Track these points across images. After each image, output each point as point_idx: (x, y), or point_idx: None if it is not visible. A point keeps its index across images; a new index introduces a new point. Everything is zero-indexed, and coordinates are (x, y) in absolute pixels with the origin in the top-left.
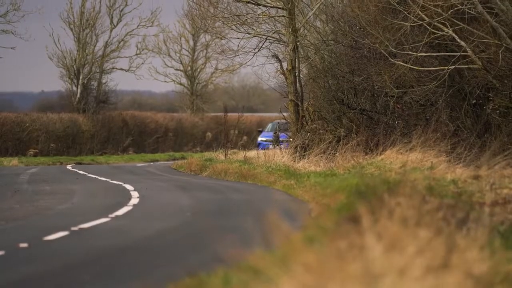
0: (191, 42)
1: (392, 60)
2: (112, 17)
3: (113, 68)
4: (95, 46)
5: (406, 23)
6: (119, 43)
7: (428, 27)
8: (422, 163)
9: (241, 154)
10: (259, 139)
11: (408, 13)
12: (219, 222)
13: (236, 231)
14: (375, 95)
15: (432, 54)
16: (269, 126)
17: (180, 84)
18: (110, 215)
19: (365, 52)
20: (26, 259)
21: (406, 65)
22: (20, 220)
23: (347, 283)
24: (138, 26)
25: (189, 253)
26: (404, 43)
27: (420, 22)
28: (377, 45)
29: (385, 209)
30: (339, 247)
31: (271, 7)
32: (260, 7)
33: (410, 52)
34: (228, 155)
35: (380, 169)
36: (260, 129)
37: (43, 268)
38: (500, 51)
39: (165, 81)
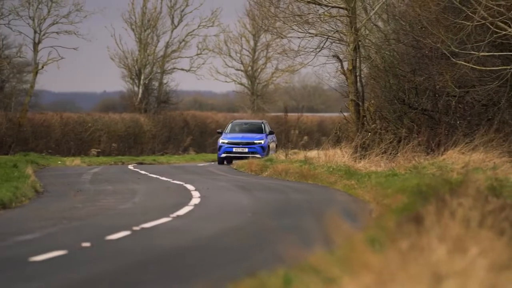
0: (252, 42)
1: (454, 59)
2: (173, 18)
3: (174, 68)
4: (156, 47)
5: (468, 23)
6: (180, 43)
7: (491, 27)
8: (484, 163)
9: (301, 154)
10: (220, 141)
11: (470, 13)
12: (280, 222)
13: (297, 231)
14: (437, 94)
15: (495, 53)
16: (229, 126)
17: (241, 84)
18: (171, 215)
19: (427, 52)
20: (88, 259)
21: (468, 64)
22: (82, 220)
23: (409, 284)
24: (198, 26)
25: (249, 253)
26: (466, 43)
27: (483, 22)
28: (438, 45)
29: (447, 209)
30: (400, 248)
31: (332, 6)
32: (322, 6)
33: (472, 52)
34: (289, 155)
35: (441, 169)
36: (219, 130)
37: (105, 268)
38: None
39: (226, 81)
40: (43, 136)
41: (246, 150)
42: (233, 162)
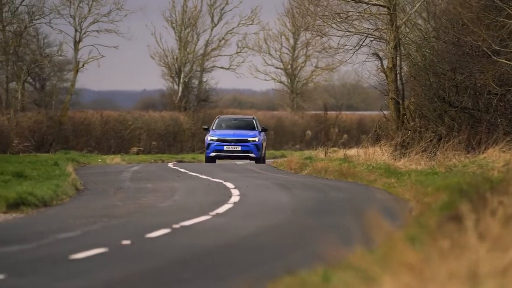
0: (291, 40)
1: (494, 57)
2: (213, 16)
3: (214, 66)
4: (196, 45)
5: (510, 21)
6: (220, 41)
7: None
8: None
9: (341, 152)
10: (208, 138)
11: (510, 11)
12: (319, 220)
13: (336, 230)
14: (477, 93)
15: None
16: (215, 122)
17: (280, 82)
18: (211, 213)
19: (467, 50)
20: (129, 256)
21: (509, 62)
22: (122, 218)
23: (449, 283)
24: (238, 24)
25: (289, 251)
26: (507, 41)
27: None
28: (479, 43)
29: (488, 208)
30: (441, 247)
31: (372, 4)
32: (362, 4)
33: None
34: (328, 153)
35: (482, 167)
36: (206, 126)
37: (145, 266)
38: None
39: (265, 80)
40: (83, 134)
41: (239, 148)
42: (274, 160)
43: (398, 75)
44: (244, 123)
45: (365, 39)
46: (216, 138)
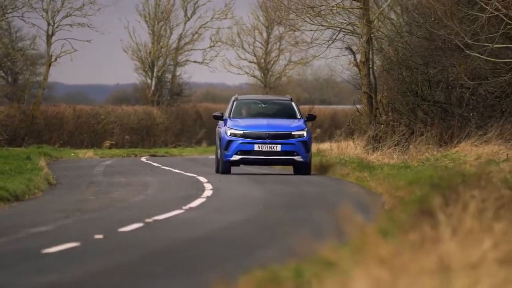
0: (265, 34)
1: (467, 51)
2: (186, 10)
3: (187, 60)
4: (169, 39)
5: (482, 14)
6: (193, 35)
7: (504, 18)
8: (497, 155)
9: (314, 147)
10: (227, 132)
11: (484, 4)
12: (292, 214)
13: (309, 224)
14: (450, 87)
15: (508, 45)
16: (232, 105)
17: (254, 76)
18: (184, 207)
19: (440, 44)
20: (101, 251)
21: (481, 56)
22: (95, 212)
23: (420, 276)
24: (212, 18)
25: (261, 245)
26: (480, 34)
27: (496, 13)
28: (452, 36)
29: (460, 202)
30: (413, 240)
31: None
32: None
33: (486, 44)
34: None
35: (454, 161)
36: (219, 114)
37: (118, 260)
38: None
39: (239, 74)
40: (56, 128)
41: (279, 148)
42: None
43: (371, 69)
44: (278, 108)
45: (338, 33)
46: (240, 131)
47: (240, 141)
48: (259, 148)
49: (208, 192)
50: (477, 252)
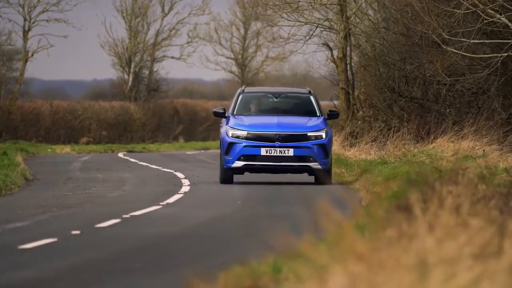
0: (242, 30)
1: (444, 47)
2: (163, 6)
3: (164, 56)
4: (146, 35)
5: (459, 10)
6: (171, 31)
7: (481, 14)
8: (474, 151)
9: None
10: (229, 132)
11: (461, 0)
12: (270, 210)
13: (287, 219)
14: (427, 83)
15: (485, 41)
16: (238, 99)
17: (231, 72)
18: (161, 203)
19: (417, 40)
20: (78, 246)
21: (458, 52)
22: (72, 208)
23: (398, 271)
24: (189, 14)
25: (239, 241)
26: (457, 29)
27: (473, 9)
28: (430, 32)
29: (436, 197)
30: (389, 236)
31: None
32: None
33: (463, 39)
34: None
35: (431, 157)
36: (220, 110)
37: (95, 255)
38: None
39: (216, 69)
40: (32, 124)
41: (291, 153)
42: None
43: (348, 65)
44: (294, 103)
45: (316, 29)
46: (244, 131)
47: (244, 144)
48: (266, 152)
49: (185, 188)
50: (453, 247)
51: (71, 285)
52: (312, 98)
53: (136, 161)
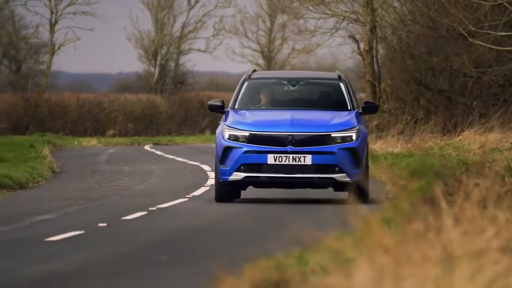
0: (268, 23)
1: (471, 39)
2: None
3: (190, 49)
4: (172, 27)
5: (486, 2)
6: (197, 24)
7: (508, 6)
8: (501, 144)
9: None
10: (226, 133)
11: None
12: (296, 204)
13: (313, 213)
14: (453, 75)
15: None
16: (242, 87)
17: (257, 65)
18: (188, 196)
19: (443, 32)
20: (105, 239)
21: (485, 44)
22: (99, 200)
23: (424, 265)
24: (215, 7)
25: (265, 234)
26: (484, 22)
27: (500, 1)
28: (456, 24)
29: (463, 190)
30: (416, 229)
31: None
32: None
33: (490, 32)
34: None
35: (458, 150)
36: (217, 102)
37: (121, 248)
38: None
39: (242, 62)
40: (59, 116)
41: (309, 161)
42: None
43: (374, 58)
44: (318, 92)
45: (342, 22)
46: (245, 132)
47: (245, 149)
48: (275, 160)
49: (212, 181)
50: (480, 241)
51: (97, 278)
52: (342, 85)
53: (162, 153)
